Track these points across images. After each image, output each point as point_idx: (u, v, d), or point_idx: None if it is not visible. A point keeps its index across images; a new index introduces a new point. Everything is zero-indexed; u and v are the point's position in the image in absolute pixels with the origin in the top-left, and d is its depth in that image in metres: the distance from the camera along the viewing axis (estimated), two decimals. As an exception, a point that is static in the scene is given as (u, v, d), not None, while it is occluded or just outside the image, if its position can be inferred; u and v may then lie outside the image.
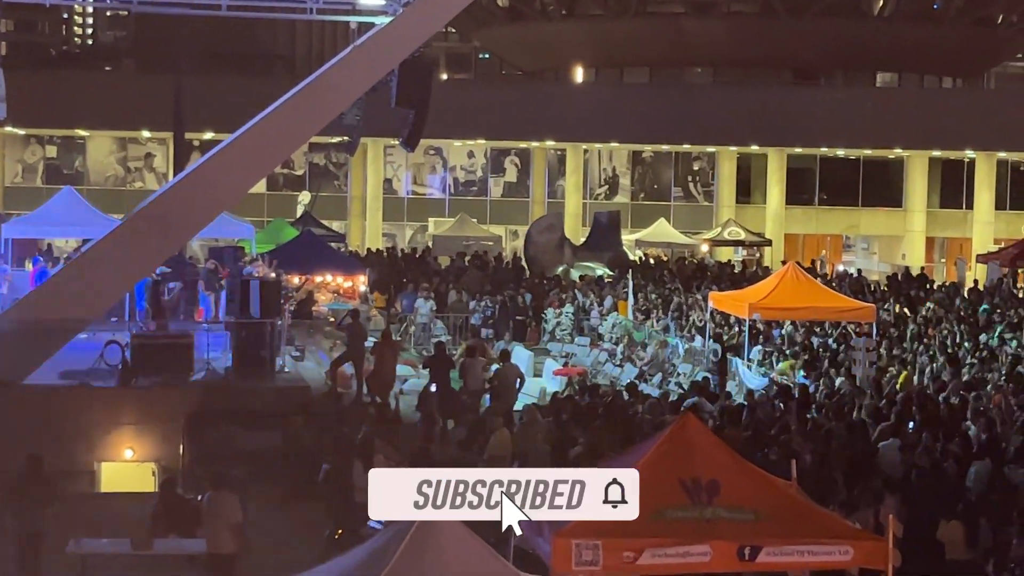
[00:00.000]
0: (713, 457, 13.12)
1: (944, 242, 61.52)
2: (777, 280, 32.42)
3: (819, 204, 60.64)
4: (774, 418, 22.31)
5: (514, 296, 39.92)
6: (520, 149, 60.34)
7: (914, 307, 37.93)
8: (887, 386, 25.89)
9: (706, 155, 60.43)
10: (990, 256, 52.36)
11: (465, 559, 9.24)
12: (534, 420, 21.81)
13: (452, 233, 54.93)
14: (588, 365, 32.39)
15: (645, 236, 55.26)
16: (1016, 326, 33.19)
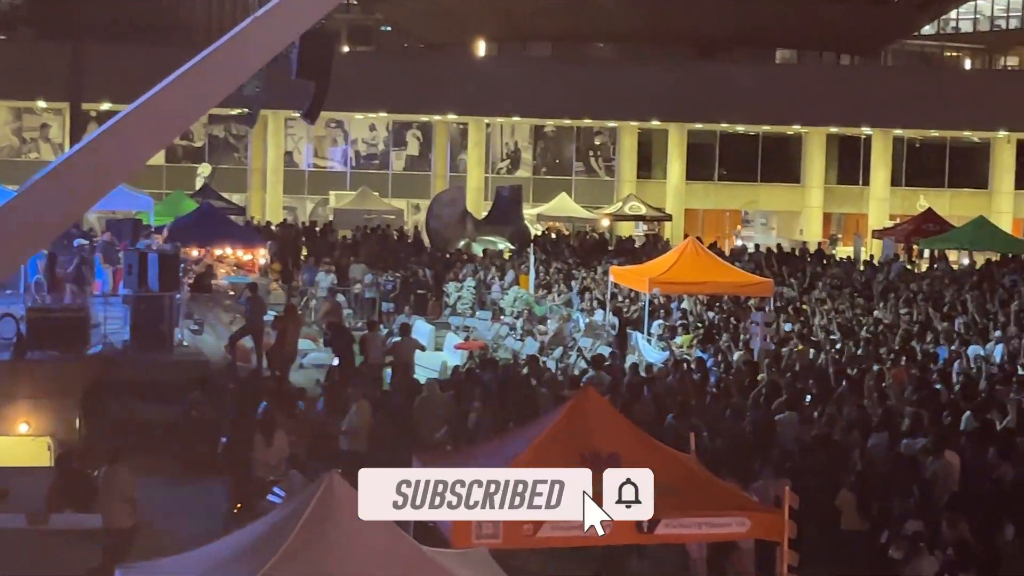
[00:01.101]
0: (613, 430, 13.22)
1: (841, 218, 62.27)
2: (677, 255, 32.66)
3: (719, 180, 61.11)
4: (673, 392, 22.50)
5: (415, 270, 39.85)
6: (422, 123, 60.17)
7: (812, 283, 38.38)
8: (784, 360, 26.18)
9: (607, 130, 60.65)
10: (886, 232, 53.12)
11: (365, 533, 9.23)
12: (434, 394, 21.82)
13: (353, 206, 54.66)
14: (489, 339, 32.41)
15: (547, 210, 55.37)
16: (910, 301, 33.70)
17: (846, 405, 21.27)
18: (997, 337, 28.73)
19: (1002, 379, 24.05)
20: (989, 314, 31.88)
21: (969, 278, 40.05)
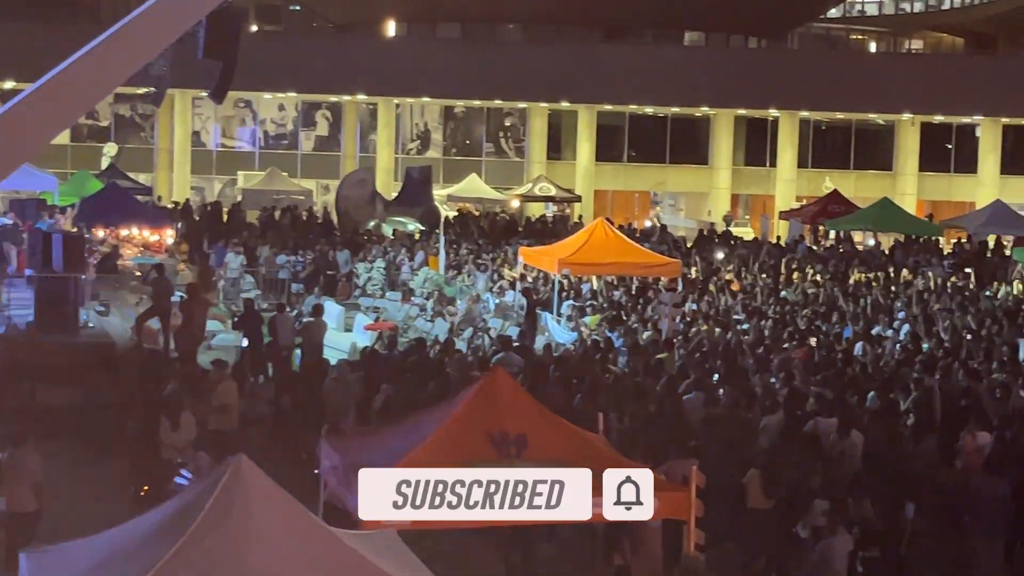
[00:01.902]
0: (521, 411, 13.25)
1: (748, 199, 62.79)
2: (586, 236, 32.81)
3: (628, 161, 61.37)
4: (582, 372, 22.59)
5: (325, 251, 39.69)
6: (331, 103, 59.87)
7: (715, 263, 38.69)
8: (692, 340, 26.38)
9: (517, 111, 60.68)
10: (792, 213, 53.65)
11: (273, 514, 9.19)
12: (344, 375, 21.76)
13: (262, 187, 54.27)
14: (399, 320, 32.38)
15: (457, 191, 55.33)
16: (816, 283, 34.08)
17: (753, 385, 21.50)
18: (901, 318, 29.13)
19: (906, 359, 24.40)
20: (893, 294, 32.32)
21: (874, 259, 40.59)
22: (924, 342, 26.32)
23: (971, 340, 26.42)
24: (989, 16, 74.24)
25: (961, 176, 60.61)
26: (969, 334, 27.25)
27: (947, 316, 29.19)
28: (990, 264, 40.63)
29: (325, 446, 14.21)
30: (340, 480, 13.29)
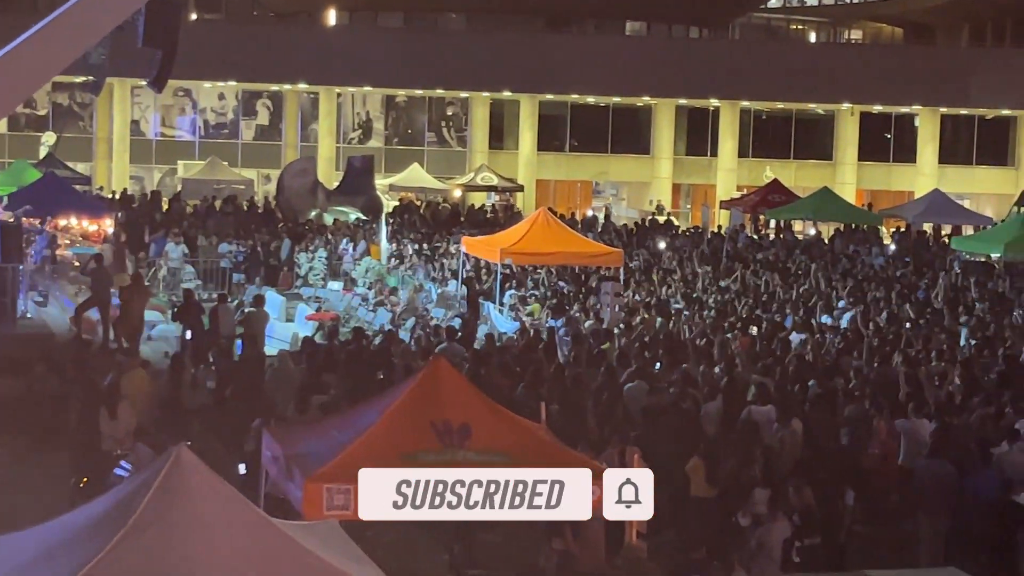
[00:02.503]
0: (464, 401, 13.26)
1: (690, 188, 63.02)
2: (528, 225, 32.85)
3: (570, 150, 61.44)
4: (524, 362, 22.61)
5: (266, 241, 39.52)
6: (272, 92, 59.58)
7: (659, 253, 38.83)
8: (634, 329, 26.46)
9: (459, 100, 60.61)
10: (733, 202, 53.91)
11: (213, 506, 9.15)
12: (286, 366, 21.69)
13: (202, 176, 53.96)
14: (341, 310, 32.29)
15: (399, 181, 55.19)
16: (756, 272, 34.26)
17: (695, 373, 21.60)
18: (841, 307, 29.33)
19: (845, 348, 24.57)
20: (833, 283, 32.54)
21: (814, 248, 40.85)
22: (864, 331, 26.50)
23: (910, 328, 26.64)
24: (928, 7, 74.80)
25: (900, 165, 61.08)
26: (908, 322, 27.48)
27: (886, 305, 29.43)
28: (929, 253, 41.00)
29: (266, 437, 14.16)
30: (281, 471, 13.25)
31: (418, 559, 14.90)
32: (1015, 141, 61.60)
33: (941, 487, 16.57)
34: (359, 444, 12.67)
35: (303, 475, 12.35)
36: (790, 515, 14.85)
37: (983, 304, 29.81)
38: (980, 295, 31.27)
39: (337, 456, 12.51)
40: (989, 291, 32.11)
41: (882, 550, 16.50)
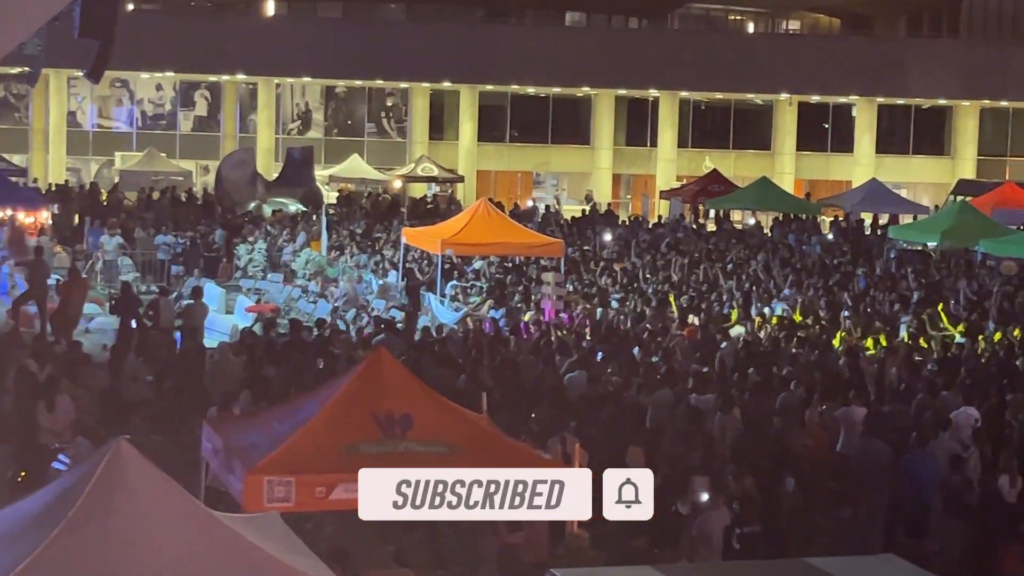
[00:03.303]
0: (406, 392, 13.26)
1: (630, 179, 63.16)
2: (469, 216, 32.85)
3: (510, 141, 61.45)
4: (466, 352, 22.63)
5: (205, 233, 39.31)
6: (210, 83, 59.20)
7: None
8: (576, 319, 26.52)
9: (399, 91, 60.47)
10: (673, 192, 54.11)
11: (154, 499, 9.10)
12: (226, 358, 21.59)
13: (140, 168, 53.53)
14: (281, 302, 32.17)
15: (339, 172, 54.99)
16: (697, 262, 34.39)
17: (635, 363, 21.68)
18: (783, 296, 29.51)
19: (784, 336, 24.73)
20: (772, 273, 32.73)
21: (753, 238, 41.08)
22: (803, 319, 26.69)
23: (848, 317, 26.84)
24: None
25: (838, 155, 61.51)
26: (846, 311, 27.69)
27: (825, 294, 29.64)
28: (867, 242, 41.33)
29: (207, 429, 14.09)
30: (222, 463, 13.20)
31: (359, 551, 14.84)
32: (951, 131, 62.16)
33: (874, 466, 16.83)
34: (300, 436, 12.64)
35: (244, 467, 12.31)
36: (730, 503, 14.93)
37: (920, 292, 30.07)
38: (917, 283, 31.55)
39: (278, 448, 12.48)
40: (926, 279, 32.40)
41: (822, 537, 16.61)
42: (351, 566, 12.47)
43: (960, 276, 32.86)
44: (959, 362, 22.55)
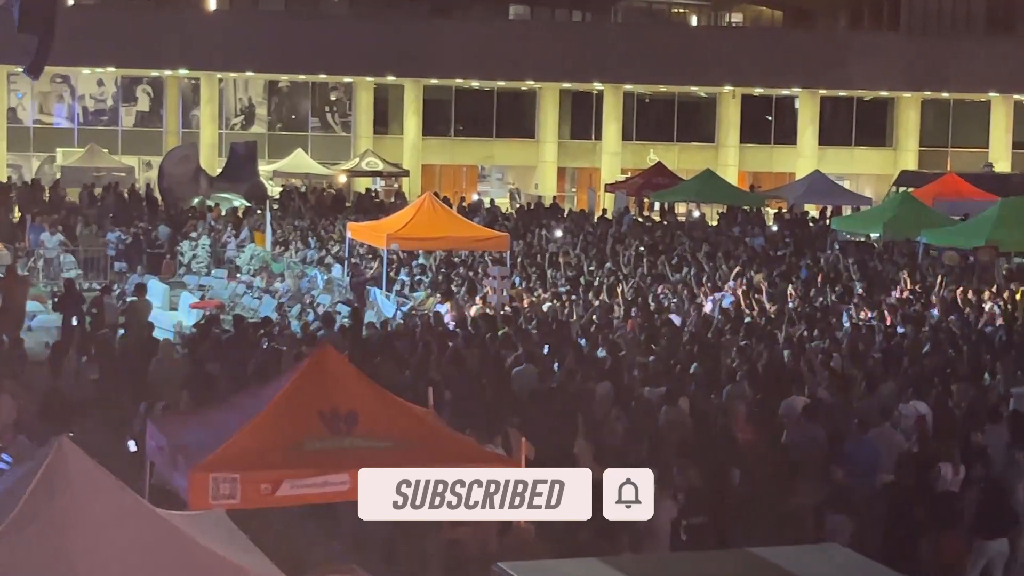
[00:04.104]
0: (351, 388, 13.24)
1: (575, 172, 63.26)
2: (414, 210, 32.85)
3: (455, 135, 61.42)
4: (412, 347, 22.59)
5: (148, 229, 39.06)
6: (153, 78, 58.82)
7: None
8: (521, 313, 26.51)
9: (343, 85, 60.29)
10: (617, 185, 54.25)
11: (98, 498, 9.04)
12: (170, 355, 21.46)
13: (82, 164, 53.12)
14: (225, 298, 32.02)
15: (283, 167, 54.82)
16: (642, 255, 34.47)
17: (581, 356, 21.71)
18: (730, 287, 29.62)
19: (730, 328, 24.83)
20: (717, 265, 32.87)
21: (698, 230, 41.24)
22: (747, 311, 26.80)
23: (793, 308, 26.98)
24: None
25: (781, 147, 61.83)
26: (790, 302, 27.83)
27: (770, 286, 29.78)
28: (811, 234, 41.57)
29: (151, 427, 14.02)
30: (167, 461, 13.13)
31: (306, 547, 14.80)
32: (893, 122, 62.62)
33: (811, 454, 17.01)
34: (245, 433, 12.60)
35: (189, 465, 12.26)
36: (676, 495, 14.98)
37: (862, 284, 30.28)
38: (860, 274, 31.76)
39: (223, 445, 12.43)
40: (869, 270, 32.63)
41: (767, 528, 16.68)
42: (298, 563, 12.43)
43: (902, 267, 33.11)
44: (902, 352, 22.71)
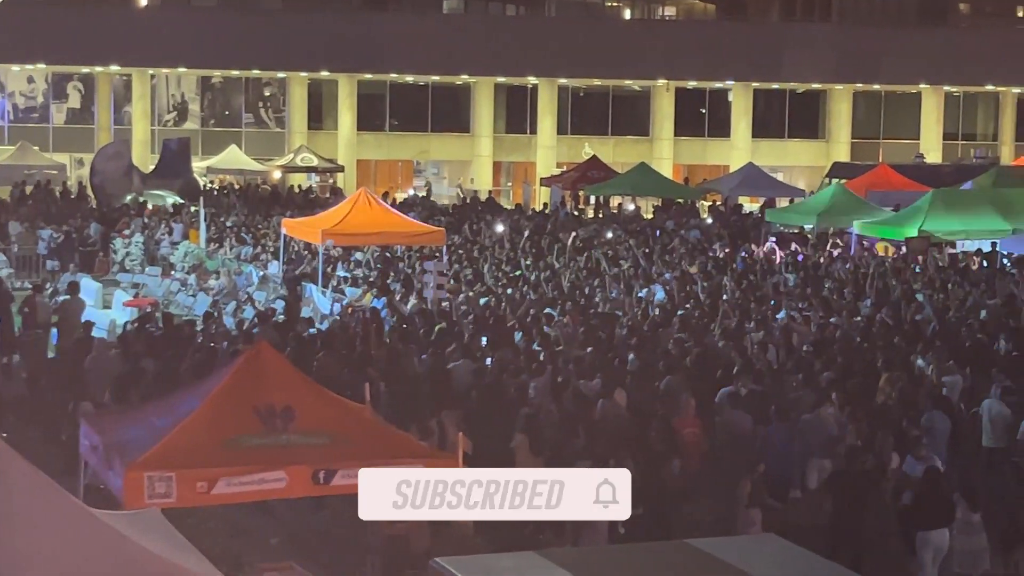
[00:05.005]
0: (287, 384, 13.19)
1: (510, 166, 63.29)
2: (349, 206, 32.72)
3: (390, 130, 61.30)
4: (349, 343, 22.53)
5: (81, 226, 38.73)
6: (83, 74, 58.30)
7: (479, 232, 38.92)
8: (458, 308, 26.49)
9: (277, 81, 60.02)
10: (553, 179, 54.33)
11: (31, 498, 8.95)
12: (104, 353, 21.29)
13: (12, 162, 52.62)
14: (160, 295, 31.81)
15: (216, 163, 54.51)
16: (580, 249, 34.51)
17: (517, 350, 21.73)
18: (663, 280, 29.74)
19: (663, 320, 24.91)
20: (653, 258, 32.98)
21: (633, 223, 41.37)
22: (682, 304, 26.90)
23: (727, 300, 27.10)
24: (739, -16, 76.05)
25: (715, 140, 62.16)
26: (725, 294, 27.97)
27: (705, 278, 29.91)
28: (745, 225, 41.79)
29: (84, 426, 13.90)
30: (101, 460, 13.03)
31: (243, 545, 14.75)
32: (825, 114, 63.10)
33: (736, 436, 17.39)
34: (180, 430, 12.52)
35: (123, 463, 12.17)
36: (614, 487, 14.99)
37: (796, 275, 30.48)
38: (794, 266, 31.97)
39: (158, 443, 12.35)
40: (802, 262, 32.85)
41: (707, 519, 16.79)
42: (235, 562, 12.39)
43: (836, 258, 33.37)
44: (836, 342, 22.88)
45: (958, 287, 28.53)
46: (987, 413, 19.03)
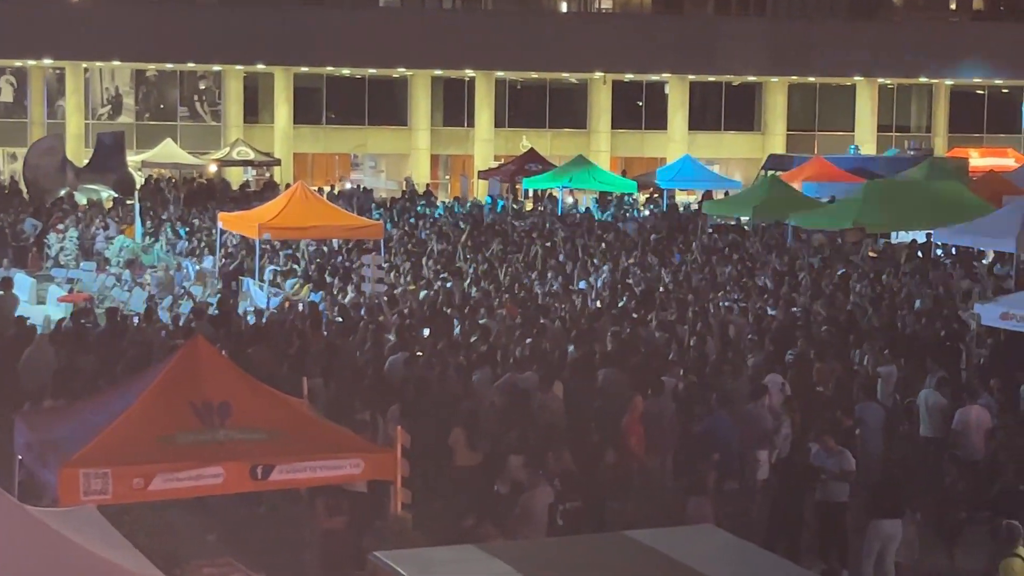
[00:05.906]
0: (224, 379, 13.14)
1: (448, 159, 63.22)
2: (286, 200, 32.63)
3: (327, 123, 61.07)
4: (287, 337, 22.45)
5: (13, 222, 38.37)
6: (16, 68, 57.70)
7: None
8: (397, 301, 26.46)
9: (212, 74, 59.65)
10: (491, 172, 54.36)
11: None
12: (39, 349, 21.10)
13: (-56, 157, 52.14)
14: (95, 291, 31.56)
15: (151, 157, 54.07)
16: (519, 243, 34.56)
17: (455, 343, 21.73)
18: (603, 271, 29.83)
19: (601, 312, 25.00)
20: (590, 250, 33.07)
21: (571, 216, 41.45)
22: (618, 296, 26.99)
23: (663, 293, 27.22)
24: (675, -24, 76.35)
25: (652, 132, 62.33)
26: (662, 286, 28.10)
27: (642, 270, 30.04)
28: (682, 218, 41.99)
29: (19, 423, 13.78)
30: (35, 457, 12.93)
31: (180, 541, 14.66)
32: (761, 107, 63.44)
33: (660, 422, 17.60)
34: (115, 427, 12.45)
35: (58, 460, 12.08)
36: (551, 480, 15.05)
37: (733, 268, 30.64)
38: (730, 258, 32.14)
39: (93, 440, 12.27)
40: (739, 254, 33.03)
41: (645, 510, 16.86)
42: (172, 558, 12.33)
43: (771, 250, 33.58)
44: (771, 333, 23.02)
45: (892, 278, 28.81)
46: (924, 403, 19.21)
